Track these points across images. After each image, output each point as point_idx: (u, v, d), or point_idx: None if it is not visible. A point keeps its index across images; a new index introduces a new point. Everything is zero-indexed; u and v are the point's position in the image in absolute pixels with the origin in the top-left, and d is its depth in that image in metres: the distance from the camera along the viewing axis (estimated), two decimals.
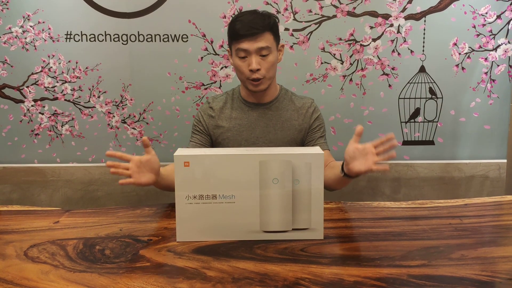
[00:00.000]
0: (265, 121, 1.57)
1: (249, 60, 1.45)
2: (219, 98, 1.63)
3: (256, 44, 1.43)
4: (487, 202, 1.38)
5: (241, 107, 1.59)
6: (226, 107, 1.60)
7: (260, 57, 1.45)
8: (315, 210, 1.09)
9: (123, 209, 1.35)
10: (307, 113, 1.60)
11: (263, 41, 1.44)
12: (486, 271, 0.93)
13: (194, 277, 0.93)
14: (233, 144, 1.57)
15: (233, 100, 1.61)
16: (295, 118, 1.59)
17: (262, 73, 1.46)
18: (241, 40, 1.43)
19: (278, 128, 1.57)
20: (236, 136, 1.57)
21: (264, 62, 1.46)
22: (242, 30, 1.42)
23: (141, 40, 2.14)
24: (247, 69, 1.46)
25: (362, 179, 2.23)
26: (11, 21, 2.14)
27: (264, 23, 1.44)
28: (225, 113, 1.60)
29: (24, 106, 2.22)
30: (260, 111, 1.58)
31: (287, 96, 1.62)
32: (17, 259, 1.02)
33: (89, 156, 2.26)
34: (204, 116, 1.61)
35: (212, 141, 1.62)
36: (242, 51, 1.45)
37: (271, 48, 1.46)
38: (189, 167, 1.07)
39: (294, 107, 1.60)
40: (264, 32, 1.44)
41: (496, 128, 2.22)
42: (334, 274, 0.93)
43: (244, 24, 1.43)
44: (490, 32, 2.12)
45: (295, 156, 1.08)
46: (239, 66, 1.48)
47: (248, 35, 1.42)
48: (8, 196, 2.25)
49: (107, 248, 1.07)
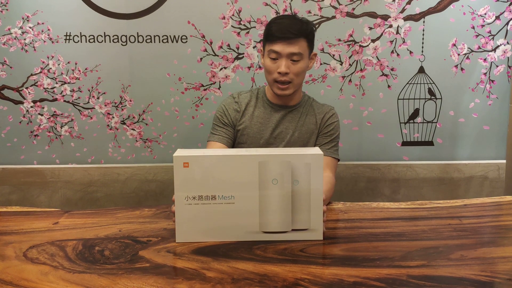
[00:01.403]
0: (285, 123, 1.60)
1: (279, 62, 1.46)
2: (244, 94, 1.65)
3: (289, 48, 1.45)
4: (487, 202, 1.38)
5: (264, 107, 1.61)
6: (250, 105, 1.62)
7: (291, 61, 1.46)
8: (315, 211, 1.09)
9: (123, 210, 1.35)
10: (323, 118, 1.62)
11: (297, 47, 1.45)
12: (486, 271, 0.94)
13: (194, 277, 0.93)
14: (251, 141, 1.59)
15: (257, 99, 1.63)
16: (313, 123, 1.61)
17: (290, 77, 1.48)
18: (275, 42, 1.45)
19: (296, 131, 1.59)
20: (256, 134, 1.58)
21: (293, 67, 1.47)
22: (278, 32, 1.44)
23: (141, 41, 2.14)
24: (276, 71, 1.47)
25: (362, 180, 2.23)
26: (11, 22, 2.13)
27: (301, 29, 1.45)
28: (249, 110, 1.61)
29: (24, 107, 2.22)
30: (282, 113, 1.60)
31: (309, 102, 1.65)
32: (17, 260, 1.02)
33: (88, 157, 2.26)
34: (229, 109, 1.61)
35: (235, 136, 1.62)
36: (274, 53, 1.46)
37: (303, 55, 1.47)
38: (189, 168, 1.07)
39: (313, 113, 1.63)
40: (299, 38, 1.45)
41: (495, 129, 2.22)
42: (334, 274, 0.93)
43: (281, 27, 1.45)
44: (489, 32, 2.12)
45: (294, 157, 1.08)
46: (268, 66, 1.49)
47: (283, 38, 1.44)
48: (8, 197, 2.25)
49: (106, 249, 1.07)
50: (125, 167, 2.23)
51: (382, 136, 2.23)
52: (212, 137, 1.61)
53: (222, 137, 1.59)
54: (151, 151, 2.25)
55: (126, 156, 2.26)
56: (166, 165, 2.23)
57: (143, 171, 2.23)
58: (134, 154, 2.25)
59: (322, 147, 1.59)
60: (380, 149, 2.24)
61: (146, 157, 2.26)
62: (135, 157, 2.25)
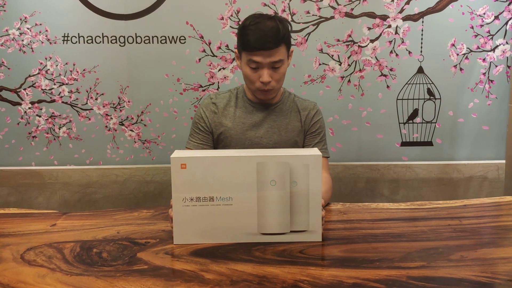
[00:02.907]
0: (269, 122, 1.55)
1: (261, 72, 1.41)
2: (223, 95, 1.59)
3: (270, 58, 1.39)
4: (486, 203, 1.38)
5: (245, 106, 1.55)
6: (230, 105, 1.56)
7: (272, 69, 1.42)
8: (313, 212, 1.09)
9: (121, 211, 1.35)
10: (308, 115, 1.57)
11: (277, 55, 1.39)
12: (486, 272, 0.93)
13: (192, 280, 0.92)
14: (235, 143, 1.53)
15: (237, 99, 1.57)
16: (297, 120, 1.57)
17: (272, 84, 1.44)
18: (254, 53, 1.38)
19: (282, 129, 1.55)
20: (239, 135, 1.53)
21: (275, 74, 1.43)
22: (256, 43, 1.37)
23: (139, 42, 2.14)
24: (258, 80, 1.43)
25: (361, 181, 2.23)
26: (8, 23, 2.13)
27: (279, 37, 1.38)
28: (229, 111, 1.55)
29: (21, 109, 2.21)
30: (264, 113, 1.55)
31: (290, 98, 1.60)
32: (14, 263, 1.01)
33: (86, 159, 2.25)
34: (206, 112, 1.55)
35: (214, 139, 1.56)
36: (254, 63, 1.40)
37: (283, 60, 1.43)
38: (186, 169, 1.06)
39: (296, 109, 1.58)
40: (279, 46, 1.39)
41: (494, 129, 2.22)
42: (333, 276, 0.92)
43: (259, 37, 1.37)
44: (488, 32, 2.12)
45: (292, 158, 1.07)
46: (249, 75, 1.44)
47: (262, 49, 1.37)
48: (6, 199, 2.24)
49: (104, 251, 1.06)
50: (124, 168, 2.23)
51: (381, 137, 2.22)
52: (189, 144, 1.56)
53: (198, 144, 1.54)
54: (150, 152, 2.25)
55: (124, 158, 2.25)
56: (164, 166, 2.22)
57: (141, 172, 2.22)
58: (133, 155, 2.25)
59: (313, 147, 1.55)
60: (379, 150, 2.23)
61: (144, 158, 2.25)
62: (133, 158, 2.25)
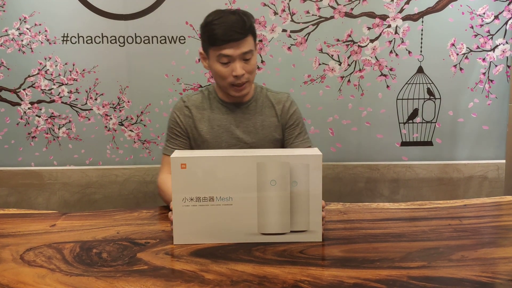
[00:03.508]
0: (244, 121, 1.50)
1: (233, 66, 1.38)
2: (195, 96, 1.53)
3: (240, 49, 1.36)
4: (487, 202, 1.38)
5: (219, 108, 1.51)
6: (204, 108, 1.51)
7: (243, 61, 1.39)
8: (314, 212, 1.08)
9: (121, 211, 1.34)
10: (283, 108, 1.53)
11: (246, 46, 1.37)
12: (487, 272, 0.93)
13: (192, 280, 0.92)
14: (213, 147, 1.49)
15: (210, 100, 1.52)
16: (273, 115, 1.52)
17: (246, 77, 1.40)
18: (223, 46, 1.35)
19: (258, 127, 1.50)
20: (216, 139, 1.49)
21: (247, 66, 1.40)
22: (224, 36, 1.34)
23: (138, 42, 2.13)
24: (231, 75, 1.39)
25: (361, 180, 2.22)
26: (8, 24, 2.13)
27: (246, 27, 1.37)
28: (203, 114, 1.51)
29: (21, 109, 2.21)
30: (239, 112, 1.50)
31: (263, 93, 1.55)
32: (13, 263, 1.01)
33: (86, 159, 2.25)
34: (180, 116, 1.50)
35: (191, 144, 1.52)
36: (225, 57, 1.37)
37: (253, 51, 1.41)
38: (186, 169, 1.06)
39: (270, 103, 1.53)
40: (247, 36, 1.37)
41: (494, 129, 2.22)
42: (334, 276, 0.92)
43: (226, 29, 1.34)
44: (488, 32, 2.11)
45: (293, 158, 1.07)
46: (221, 72, 1.40)
47: (231, 40, 1.35)
48: (5, 200, 2.24)
49: (104, 251, 1.06)
50: (123, 168, 2.22)
51: (381, 137, 2.22)
52: (166, 150, 1.50)
53: (174, 150, 1.47)
54: (149, 153, 2.24)
55: (124, 158, 2.25)
56: None
57: (141, 172, 2.22)
58: (132, 155, 2.24)
59: (295, 139, 1.51)
60: (379, 150, 2.23)
61: (144, 159, 2.25)
62: (133, 158, 2.24)
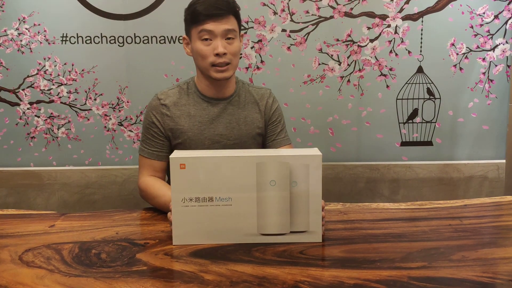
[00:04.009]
0: (227, 117, 1.45)
1: (215, 43, 1.34)
2: (171, 92, 1.46)
3: (222, 26, 1.34)
4: (487, 202, 1.37)
5: (199, 103, 1.44)
6: (182, 103, 1.44)
7: (226, 40, 1.36)
8: (313, 212, 1.08)
9: (120, 212, 1.34)
10: (267, 104, 1.51)
11: (229, 23, 1.35)
12: (487, 272, 0.93)
13: (192, 281, 0.91)
14: (195, 144, 1.42)
15: (189, 95, 1.45)
16: (256, 111, 1.50)
17: (228, 57, 1.36)
18: (205, 21, 1.33)
19: (241, 123, 1.47)
20: (198, 136, 1.42)
21: (230, 47, 1.36)
22: (206, 11, 1.32)
23: (138, 42, 2.13)
24: (212, 54, 1.34)
25: (361, 181, 2.22)
26: (7, 24, 2.12)
27: (229, 6, 1.36)
28: (182, 110, 1.43)
29: (20, 109, 2.20)
30: (220, 107, 1.45)
31: (245, 88, 1.51)
32: (12, 264, 1.00)
33: (85, 159, 2.24)
34: (157, 115, 1.42)
35: (171, 145, 1.45)
36: (207, 33, 1.33)
37: (236, 33, 1.38)
38: (185, 169, 1.06)
39: (253, 99, 1.50)
40: (229, 15, 1.35)
41: (494, 129, 2.21)
42: (334, 276, 0.92)
43: (208, 6, 1.32)
44: (488, 32, 2.11)
45: (292, 158, 1.06)
46: (201, 50, 1.35)
47: (214, 15, 1.33)
48: (4, 200, 2.23)
49: (103, 252, 1.06)
50: (123, 168, 2.22)
51: (381, 137, 2.22)
52: (143, 151, 1.43)
53: (153, 151, 1.42)
54: None
55: (123, 158, 2.24)
56: None
57: None
58: (132, 155, 2.24)
59: (277, 136, 1.50)
60: (379, 150, 2.23)
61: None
62: (132, 158, 2.24)
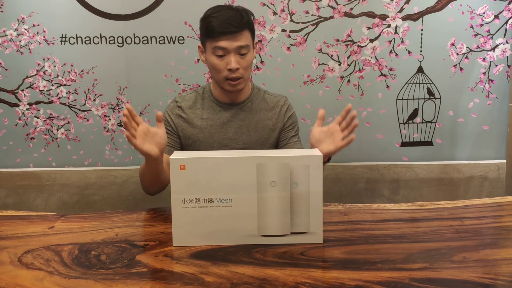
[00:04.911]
0: (237, 122, 1.51)
1: (228, 59, 1.39)
2: (188, 96, 1.55)
3: (236, 43, 1.38)
4: (488, 203, 1.37)
5: (212, 107, 1.52)
6: (196, 107, 1.52)
7: (239, 56, 1.40)
8: (314, 213, 1.08)
9: (120, 213, 1.34)
10: (280, 112, 1.55)
11: (242, 40, 1.38)
12: (489, 273, 0.92)
13: (192, 282, 0.91)
14: (204, 146, 1.50)
15: (204, 100, 1.53)
16: (269, 118, 1.53)
17: (241, 72, 1.41)
18: (219, 38, 1.37)
19: (251, 129, 1.51)
20: (207, 138, 1.50)
21: (242, 61, 1.40)
22: (220, 28, 1.36)
23: (137, 43, 2.13)
24: (225, 68, 1.40)
25: (361, 181, 2.22)
26: (6, 24, 2.12)
27: (243, 21, 1.39)
28: (196, 113, 1.52)
29: (19, 110, 2.20)
30: (232, 112, 1.51)
31: (260, 95, 1.56)
32: (11, 266, 1.00)
33: (85, 160, 2.24)
34: (172, 115, 1.53)
35: (181, 144, 1.53)
36: (220, 50, 1.38)
37: (249, 47, 1.42)
38: (185, 170, 1.05)
39: (267, 106, 1.55)
40: (243, 31, 1.39)
41: (495, 129, 2.21)
42: (335, 278, 0.91)
43: (223, 21, 1.36)
44: (488, 32, 2.11)
45: (293, 159, 1.06)
46: (216, 65, 1.41)
47: (227, 33, 1.36)
48: (4, 201, 2.23)
49: (103, 253, 1.05)
50: (122, 169, 2.21)
51: (381, 137, 2.22)
52: None
53: (167, 147, 1.46)
54: None
55: (123, 159, 2.24)
56: None
57: None
58: (131, 156, 2.23)
59: (289, 140, 1.54)
60: (379, 150, 2.22)
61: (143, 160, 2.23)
62: (132, 159, 2.24)
